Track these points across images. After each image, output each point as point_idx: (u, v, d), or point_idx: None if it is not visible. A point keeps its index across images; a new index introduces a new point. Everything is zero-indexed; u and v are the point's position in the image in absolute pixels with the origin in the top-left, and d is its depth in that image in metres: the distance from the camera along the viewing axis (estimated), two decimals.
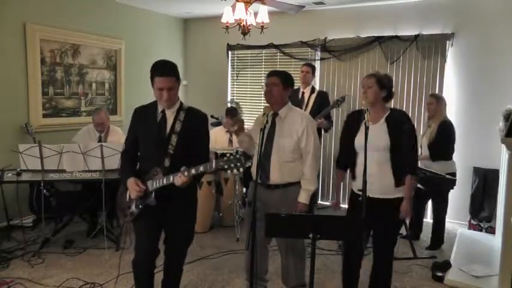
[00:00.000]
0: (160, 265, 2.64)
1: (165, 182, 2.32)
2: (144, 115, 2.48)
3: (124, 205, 2.52)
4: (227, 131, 4.78)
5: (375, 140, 2.51)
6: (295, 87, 4.80)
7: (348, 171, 2.80)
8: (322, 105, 4.77)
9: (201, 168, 2.21)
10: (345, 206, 2.90)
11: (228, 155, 2.16)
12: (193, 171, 2.22)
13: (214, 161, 2.18)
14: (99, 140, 4.25)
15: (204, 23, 6.56)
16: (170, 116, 2.43)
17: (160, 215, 2.46)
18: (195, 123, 2.47)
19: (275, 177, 2.73)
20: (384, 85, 2.60)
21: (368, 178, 2.39)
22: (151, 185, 2.38)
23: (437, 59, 4.99)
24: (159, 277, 2.68)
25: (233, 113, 4.77)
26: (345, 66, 5.53)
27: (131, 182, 2.38)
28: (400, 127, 2.56)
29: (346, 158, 2.76)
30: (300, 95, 4.89)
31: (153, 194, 2.38)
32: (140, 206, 2.41)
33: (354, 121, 2.68)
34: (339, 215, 2.33)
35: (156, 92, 2.35)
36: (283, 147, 2.71)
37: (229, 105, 5.77)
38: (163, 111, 2.43)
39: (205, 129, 2.55)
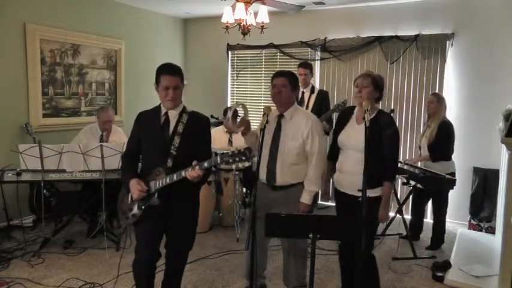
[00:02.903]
0: (160, 265, 2.64)
1: (173, 178, 2.30)
2: (148, 118, 2.51)
3: (125, 208, 2.51)
4: (227, 131, 4.78)
5: (353, 140, 2.56)
6: None
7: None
8: (322, 104, 4.72)
9: (206, 164, 2.23)
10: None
11: (233, 150, 2.19)
12: (206, 164, 2.23)
13: (219, 156, 2.19)
14: (101, 139, 4.26)
15: (204, 23, 6.56)
16: (173, 118, 2.46)
17: (163, 219, 2.46)
18: (197, 126, 2.49)
19: (281, 178, 2.74)
20: (378, 86, 2.62)
21: (343, 175, 2.48)
22: (154, 185, 2.39)
23: (437, 59, 4.99)
24: (159, 277, 2.68)
25: (236, 115, 4.75)
26: (345, 66, 5.53)
27: (133, 183, 2.39)
28: (381, 132, 2.54)
29: (334, 152, 2.81)
30: (300, 95, 4.87)
31: (156, 194, 2.38)
32: (143, 207, 2.41)
33: (344, 117, 2.75)
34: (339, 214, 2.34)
35: (162, 92, 2.39)
36: (288, 149, 2.71)
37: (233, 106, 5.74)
38: (166, 114, 2.46)
39: (207, 131, 2.57)
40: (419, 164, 4.11)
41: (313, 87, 4.86)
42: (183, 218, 2.50)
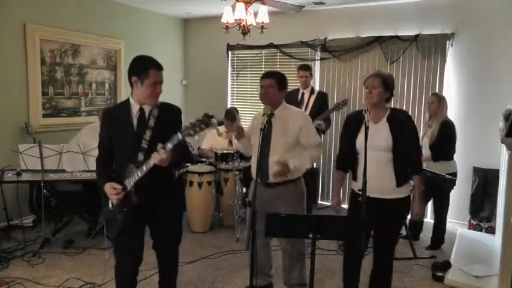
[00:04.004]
0: (151, 268, 2.63)
1: (144, 169, 2.22)
2: (117, 116, 2.40)
3: (111, 215, 2.42)
4: (227, 132, 4.78)
5: (376, 140, 2.49)
6: (295, 88, 4.83)
7: (349, 172, 2.78)
8: (321, 106, 4.74)
9: (169, 144, 2.14)
10: (345, 206, 2.89)
11: (192, 121, 2.12)
12: (169, 144, 2.14)
13: (179, 132, 2.12)
14: None
15: (204, 23, 6.56)
16: (147, 112, 2.36)
17: (145, 221, 2.43)
18: (169, 116, 2.40)
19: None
20: (388, 86, 2.57)
21: (368, 178, 2.36)
22: (128, 183, 2.30)
23: (437, 59, 4.99)
24: (156, 278, 2.68)
25: (232, 115, 4.75)
26: (345, 66, 5.53)
27: (107, 188, 2.30)
28: (402, 127, 2.53)
29: (346, 159, 2.73)
30: (299, 96, 4.88)
31: (133, 191, 2.30)
32: (125, 209, 2.33)
33: (355, 121, 2.64)
34: (339, 215, 2.33)
35: (149, 87, 2.27)
36: (280, 146, 2.74)
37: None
38: (141, 109, 2.34)
39: (180, 122, 2.46)
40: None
41: (312, 89, 4.91)
42: (169, 218, 2.46)
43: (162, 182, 2.32)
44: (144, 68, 2.28)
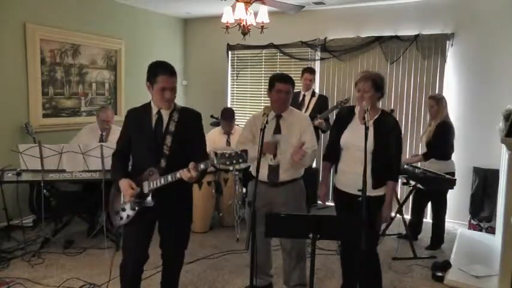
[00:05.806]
0: (158, 266, 2.63)
1: (168, 179, 2.29)
2: (138, 117, 2.46)
3: (118, 208, 2.47)
4: (225, 133, 4.79)
5: (359, 140, 2.53)
6: (297, 91, 4.86)
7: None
8: (321, 109, 4.84)
9: (202, 166, 2.22)
10: (331, 203, 2.92)
11: (229, 152, 2.17)
12: (202, 165, 2.21)
13: (215, 158, 2.17)
14: (101, 139, 4.26)
15: (204, 23, 6.56)
16: (165, 116, 2.42)
17: (155, 219, 2.45)
18: (189, 123, 2.45)
19: (285, 175, 2.82)
20: (379, 88, 2.61)
21: (349, 175, 2.47)
22: (148, 185, 2.36)
23: (437, 59, 4.99)
24: (157, 278, 2.67)
25: (230, 115, 4.75)
26: (345, 66, 5.53)
27: (124, 184, 2.35)
28: (387, 133, 2.58)
29: (332, 152, 2.80)
30: (300, 98, 4.91)
31: (150, 195, 2.36)
32: (137, 208, 2.38)
33: (344, 117, 2.73)
34: (338, 215, 2.34)
35: (158, 92, 2.32)
36: (289, 146, 2.79)
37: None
38: (159, 112, 2.41)
39: (200, 127, 2.53)
40: (419, 164, 4.11)
41: (313, 92, 4.97)
42: (178, 218, 2.48)
43: (177, 189, 2.35)
44: (154, 73, 2.33)
